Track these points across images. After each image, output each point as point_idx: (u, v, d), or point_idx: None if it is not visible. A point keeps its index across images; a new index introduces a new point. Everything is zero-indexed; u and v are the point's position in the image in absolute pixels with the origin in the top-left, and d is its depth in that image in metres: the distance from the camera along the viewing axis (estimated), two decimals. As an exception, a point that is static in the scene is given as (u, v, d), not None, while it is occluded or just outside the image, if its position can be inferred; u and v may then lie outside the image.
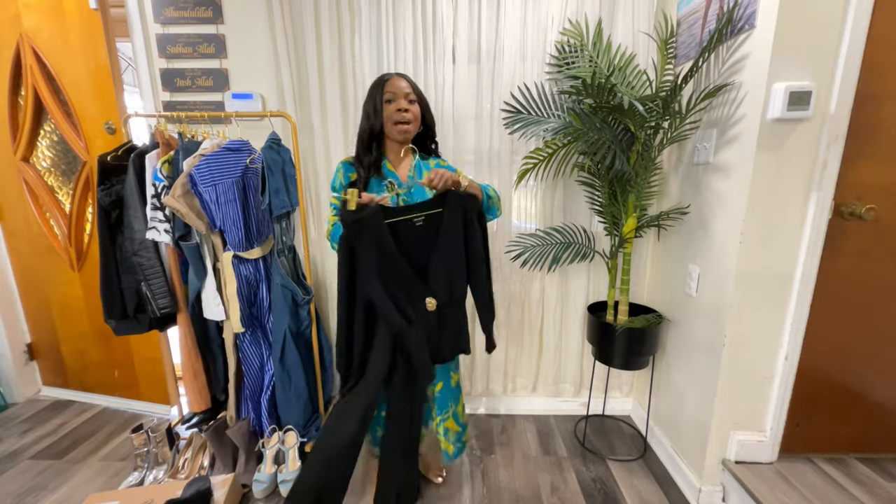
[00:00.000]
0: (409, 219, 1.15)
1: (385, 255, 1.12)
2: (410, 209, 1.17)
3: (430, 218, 1.17)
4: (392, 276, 1.14)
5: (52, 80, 1.76)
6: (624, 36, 1.63)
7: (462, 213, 1.17)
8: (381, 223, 1.12)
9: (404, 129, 1.22)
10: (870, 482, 1.30)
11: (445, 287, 1.19)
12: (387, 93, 1.21)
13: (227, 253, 1.51)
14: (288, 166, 1.55)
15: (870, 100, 1.16)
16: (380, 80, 1.23)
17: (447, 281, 1.19)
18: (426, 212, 1.17)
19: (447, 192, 1.16)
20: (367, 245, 1.11)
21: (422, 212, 1.16)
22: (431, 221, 1.17)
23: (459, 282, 1.22)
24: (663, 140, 1.44)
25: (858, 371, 1.35)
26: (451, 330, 1.25)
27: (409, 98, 1.22)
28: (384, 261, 1.12)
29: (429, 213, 1.17)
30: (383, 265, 1.12)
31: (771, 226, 1.24)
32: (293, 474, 1.51)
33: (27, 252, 2.03)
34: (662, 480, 1.57)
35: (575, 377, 1.98)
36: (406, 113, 1.21)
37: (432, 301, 1.18)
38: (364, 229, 1.10)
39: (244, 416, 1.66)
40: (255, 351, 1.62)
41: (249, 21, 1.67)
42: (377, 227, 1.11)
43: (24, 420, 1.98)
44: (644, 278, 1.85)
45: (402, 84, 1.22)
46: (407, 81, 1.23)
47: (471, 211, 1.19)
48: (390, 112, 1.21)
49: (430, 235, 1.17)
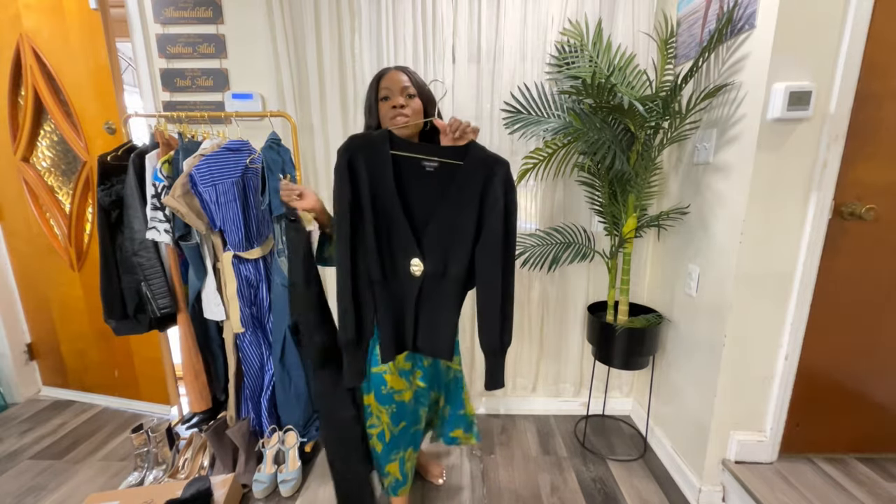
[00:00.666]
0: (420, 159, 0.96)
1: (379, 189, 0.94)
2: (425, 149, 0.98)
3: (445, 167, 0.97)
4: (382, 219, 0.95)
5: (52, 80, 1.76)
6: (624, 36, 1.63)
7: (484, 176, 0.96)
8: (386, 150, 0.94)
9: (401, 122, 1.06)
10: (870, 482, 1.30)
11: (439, 252, 0.98)
12: (382, 89, 1.08)
13: (227, 253, 1.51)
14: (288, 166, 1.55)
15: (870, 100, 1.16)
16: (376, 77, 1.12)
17: (443, 245, 0.98)
18: (442, 158, 0.97)
19: (471, 146, 0.97)
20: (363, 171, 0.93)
21: (437, 157, 0.97)
22: (446, 172, 0.97)
23: (458, 252, 0.99)
24: (663, 140, 1.44)
25: (858, 371, 1.35)
26: (433, 315, 1.02)
27: (408, 93, 1.07)
28: (377, 197, 0.94)
29: (445, 162, 0.97)
30: (376, 203, 0.94)
31: (771, 226, 1.24)
32: (293, 474, 1.51)
33: (27, 252, 2.02)
34: (662, 480, 1.57)
35: (575, 377, 1.98)
36: (403, 110, 1.06)
37: (418, 264, 0.98)
38: (362, 150, 0.93)
39: (244, 416, 1.66)
40: (255, 351, 1.62)
41: (249, 21, 1.67)
42: (379, 153, 0.93)
43: (24, 420, 1.98)
44: (644, 278, 1.85)
45: (400, 78, 1.08)
46: (406, 75, 1.09)
47: (497, 178, 0.97)
48: (385, 111, 1.08)
49: (440, 187, 0.97)
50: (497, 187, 0.97)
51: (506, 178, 0.98)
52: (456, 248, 0.98)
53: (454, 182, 0.97)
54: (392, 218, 0.96)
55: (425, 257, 0.98)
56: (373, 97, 1.10)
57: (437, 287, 1.00)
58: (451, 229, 0.98)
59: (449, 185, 0.97)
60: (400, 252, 0.98)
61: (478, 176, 0.96)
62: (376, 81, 1.10)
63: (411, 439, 1.22)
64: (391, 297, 0.99)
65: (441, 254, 0.99)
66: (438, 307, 1.02)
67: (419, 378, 1.19)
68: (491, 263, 0.98)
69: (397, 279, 0.99)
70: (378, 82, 1.09)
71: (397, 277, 0.99)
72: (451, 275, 1.00)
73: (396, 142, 0.96)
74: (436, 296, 1.01)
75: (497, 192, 0.96)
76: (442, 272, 0.99)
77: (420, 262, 0.98)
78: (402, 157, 0.95)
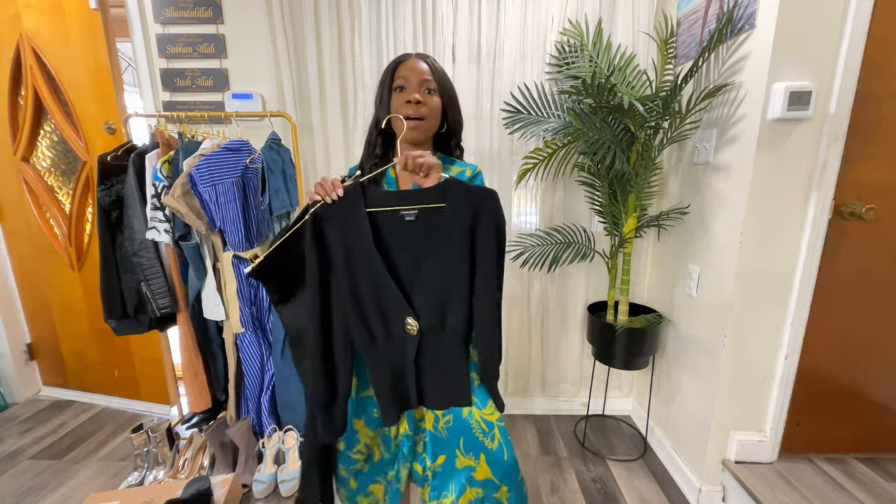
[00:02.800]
0: (397, 210, 0.86)
1: (357, 252, 0.85)
2: (401, 197, 0.88)
3: (426, 214, 0.86)
4: (365, 283, 0.86)
5: (52, 80, 1.76)
6: (624, 36, 1.63)
7: (471, 216, 0.86)
8: (360, 208, 0.85)
9: (413, 124, 0.92)
10: (870, 482, 1.30)
11: (434, 308, 0.88)
12: (398, 78, 0.92)
13: (227, 253, 1.51)
14: (288, 166, 1.55)
15: (870, 100, 1.16)
16: (394, 61, 0.95)
17: (437, 300, 0.88)
18: (421, 205, 0.86)
19: (450, 183, 0.86)
20: (335, 236, 0.85)
21: (415, 204, 0.86)
22: (427, 218, 0.87)
23: (456, 305, 0.88)
24: (663, 140, 1.44)
25: (858, 371, 1.35)
26: (439, 368, 0.91)
27: (427, 87, 0.92)
28: (355, 261, 0.86)
29: (424, 208, 0.86)
30: (354, 266, 0.86)
31: (771, 226, 1.24)
32: (293, 474, 1.51)
33: (27, 252, 2.02)
34: (662, 480, 1.57)
35: (575, 377, 1.98)
36: (418, 107, 0.90)
37: (413, 323, 0.87)
38: (334, 213, 0.85)
39: (244, 416, 1.66)
40: (255, 351, 1.62)
41: (249, 21, 1.67)
42: (352, 213, 0.85)
43: (24, 420, 1.98)
44: (644, 278, 1.85)
45: (421, 68, 0.92)
46: (428, 65, 0.93)
47: (485, 216, 0.86)
48: (397, 105, 0.92)
49: (424, 238, 0.88)
50: (487, 227, 0.87)
51: (495, 214, 0.87)
52: (451, 301, 0.88)
53: (438, 229, 0.86)
54: (377, 281, 0.86)
55: (419, 315, 0.88)
56: (386, 86, 0.94)
57: (436, 342, 0.90)
58: (442, 281, 0.88)
59: (432, 234, 0.87)
60: (391, 313, 0.88)
61: (463, 218, 0.86)
62: (393, 67, 0.94)
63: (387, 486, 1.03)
64: (385, 359, 0.90)
65: (436, 309, 0.88)
66: (442, 360, 0.91)
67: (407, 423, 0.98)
68: (485, 310, 0.90)
69: (391, 340, 0.89)
70: (395, 69, 0.93)
71: (391, 338, 0.89)
72: (450, 328, 0.89)
73: (370, 195, 0.86)
74: (437, 350, 0.91)
75: (489, 234, 0.87)
76: (440, 327, 0.89)
77: (414, 321, 0.87)
78: (378, 213, 0.86)
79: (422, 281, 0.88)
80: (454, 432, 0.95)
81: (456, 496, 0.94)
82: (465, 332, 0.90)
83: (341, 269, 0.86)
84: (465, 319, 0.89)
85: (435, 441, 0.97)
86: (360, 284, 0.87)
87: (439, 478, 0.96)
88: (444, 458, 0.96)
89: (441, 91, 0.94)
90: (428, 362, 0.91)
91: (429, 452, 0.97)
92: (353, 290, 0.86)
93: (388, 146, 0.98)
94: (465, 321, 0.89)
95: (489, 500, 0.94)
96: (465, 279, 0.88)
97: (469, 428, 0.94)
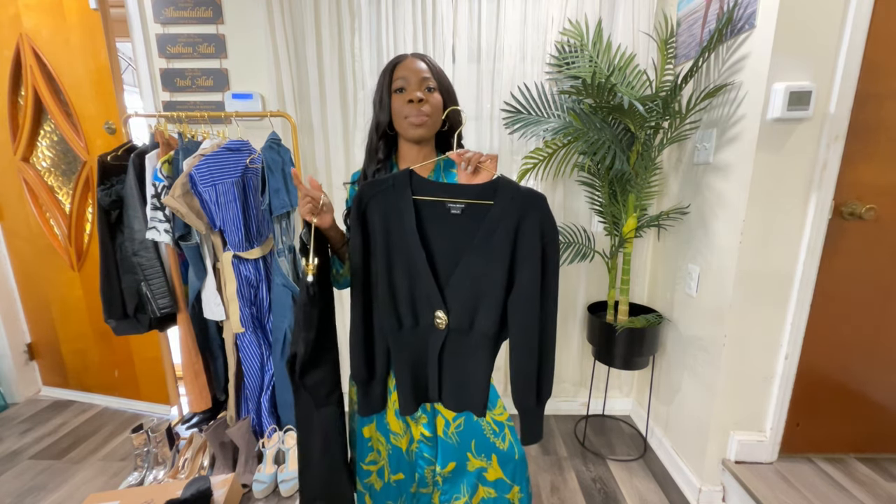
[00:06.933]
0: (444, 202, 0.85)
1: (397, 238, 0.85)
2: (450, 189, 0.86)
3: (473, 209, 0.85)
4: (401, 269, 0.86)
5: (52, 80, 1.76)
6: (624, 36, 1.63)
7: (517, 218, 0.83)
8: (406, 194, 0.84)
9: (418, 122, 0.90)
10: (870, 482, 1.30)
11: (465, 306, 0.86)
12: (397, 79, 0.91)
13: (227, 253, 1.51)
14: (288, 166, 1.55)
15: (870, 100, 1.16)
16: (390, 63, 0.93)
17: (470, 298, 0.86)
18: (469, 199, 0.85)
19: (500, 182, 0.83)
20: (377, 218, 0.85)
21: (463, 197, 0.85)
22: (473, 214, 0.85)
23: (488, 307, 0.85)
24: (663, 140, 1.44)
25: (858, 371, 1.35)
26: (461, 370, 0.89)
27: (427, 85, 0.90)
28: (394, 246, 0.85)
29: (472, 203, 0.85)
30: (392, 252, 0.86)
31: (771, 226, 1.24)
32: (293, 474, 1.51)
33: (27, 252, 2.02)
34: (662, 480, 1.57)
35: (575, 377, 1.98)
36: (421, 105, 0.89)
37: (442, 317, 0.86)
38: (378, 198, 0.84)
39: (244, 416, 1.66)
40: (255, 351, 1.62)
41: (249, 21, 1.67)
42: (397, 199, 0.84)
43: (24, 420, 1.98)
44: (644, 278, 1.85)
45: (419, 67, 0.91)
46: (426, 63, 0.92)
47: (532, 220, 0.83)
48: (399, 106, 0.90)
49: (467, 233, 0.85)
50: (533, 232, 0.83)
51: (543, 220, 0.83)
52: (484, 302, 0.86)
53: (482, 227, 0.84)
54: (415, 268, 0.85)
55: (449, 311, 0.86)
56: (385, 88, 0.93)
57: (463, 342, 0.88)
58: (478, 281, 0.85)
59: (476, 231, 0.84)
60: (422, 304, 0.87)
61: (510, 219, 0.83)
62: (390, 70, 0.93)
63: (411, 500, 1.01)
64: (410, 348, 0.90)
65: (468, 308, 0.86)
66: (466, 362, 0.89)
67: (423, 425, 0.95)
68: (525, 320, 0.85)
69: (417, 330, 0.89)
70: (392, 71, 0.92)
71: (418, 328, 0.89)
72: (479, 330, 0.87)
73: (418, 183, 0.85)
74: (463, 350, 0.89)
75: (533, 239, 0.83)
76: (468, 327, 0.87)
77: (444, 315, 0.86)
78: (425, 201, 0.85)
79: (458, 277, 0.85)
80: (465, 436, 0.95)
81: (469, 497, 0.95)
82: (493, 337, 0.88)
83: (380, 253, 0.86)
84: (495, 323, 0.86)
85: (445, 448, 0.96)
86: (396, 270, 0.86)
87: (450, 482, 0.96)
88: (454, 464, 0.95)
89: (440, 88, 0.93)
90: (451, 360, 0.89)
91: (439, 459, 0.96)
92: (388, 275, 0.86)
93: (391, 149, 0.97)
94: (495, 325, 0.86)
95: (502, 500, 0.94)
96: (502, 282, 0.85)
97: (480, 429, 0.94)
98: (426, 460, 0.97)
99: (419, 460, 0.97)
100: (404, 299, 0.87)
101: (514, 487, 0.94)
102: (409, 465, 0.99)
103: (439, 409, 0.96)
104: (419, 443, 0.96)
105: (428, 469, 0.97)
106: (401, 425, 0.98)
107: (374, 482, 1.03)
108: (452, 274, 0.86)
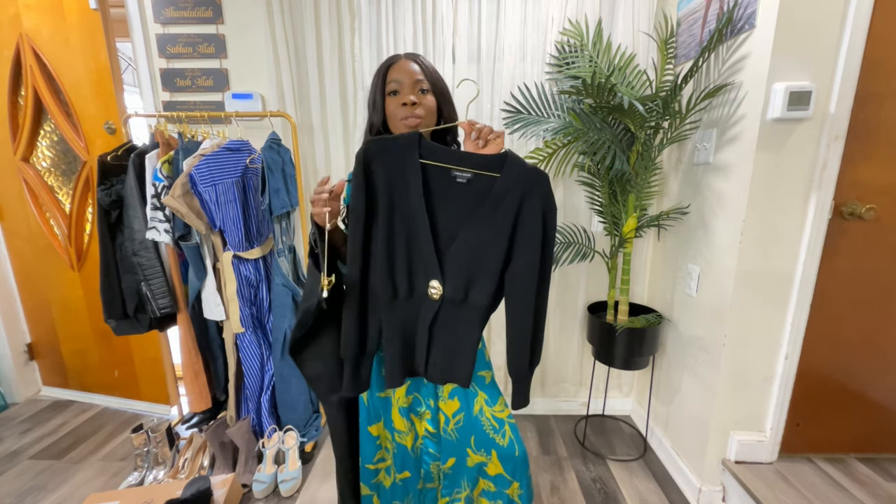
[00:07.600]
0: (451, 169, 0.83)
1: (400, 201, 0.82)
2: (458, 156, 0.84)
3: (480, 180, 0.83)
4: (401, 234, 0.84)
5: (52, 80, 1.76)
6: (624, 36, 1.63)
7: (521, 194, 0.83)
8: (413, 157, 0.82)
9: (413, 124, 0.90)
10: (870, 482, 1.30)
11: (461, 277, 0.85)
12: (390, 81, 0.91)
13: (227, 253, 1.51)
14: (288, 166, 1.55)
15: (870, 100, 1.16)
16: (384, 65, 0.93)
17: (466, 270, 0.85)
18: (476, 169, 0.83)
19: (508, 156, 0.83)
20: (381, 179, 0.82)
21: (470, 167, 0.83)
22: (479, 185, 0.83)
23: (483, 280, 0.85)
24: (663, 140, 1.44)
25: (858, 371, 1.35)
26: (450, 342, 0.89)
27: (421, 87, 0.90)
28: (396, 210, 0.83)
29: (479, 174, 0.83)
30: (394, 216, 0.83)
31: (771, 226, 1.24)
32: (293, 474, 1.51)
33: (27, 252, 2.02)
34: (662, 480, 1.57)
35: (575, 377, 1.98)
36: (414, 108, 0.89)
37: (437, 287, 0.85)
38: (384, 156, 0.82)
39: (244, 416, 1.66)
40: (255, 351, 1.62)
41: (249, 21, 1.67)
42: (403, 160, 0.82)
43: (24, 420, 1.98)
44: (644, 278, 1.85)
45: (412, 69, 0.90)
46: (419, 65, 0.92)
47: (535, 199, 0.83)
48: (393, 109, 0.91)
49: (471, 203, 0.84)
50: (535, 210, 0.84)
51: (545, 198, 0.84)
52: (481, 275, 0.86)
53: (488, 199, 0.84)
54: (416, 235, 0.84)
55: (445, 281, 0.85)
56: (378, 90, 0.93)
57: (455, 313, 0.88)
58: (478, 252, 0.85)
59: (481, 202, 0.84)
60: (419, 272, 0.86)
61: (514, 194, 0.83)
62: (384, 71, 0.92)
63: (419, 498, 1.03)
64: (401, 318, 0.89)
65: (463, 279, 0.86)
66: (456, 333, 0.89)
67: (427, 420, 0.97)
68: (523, 295, 0.87)
69: (411, 300, 0.88)
70: (385, 73, 0.92)
71: (412, 298, 0.88)
72: (472, 302, 0.87)
73: (426, 147, 0.83)
74: (454, 322, 0.89)
75: (535, 217, 0.84)
76: (462, 298, 0.87)
77: (439, 286, 0.85)
78: (431, 166, 0.82)
79: (457, 247, 0.85)
80: (464, 431, 0.95)
81: (469, 490, 0.96)
82: (485, 310, 0.88)
83: (382, 217, 0.83)
84: (488, 295, 0.87)
85: (445, 443, 0.97)
86: (397, 235, 0.84)
87: (450, 477, 0.98)
88: (454, 460, 0.96)
89: (434, 89, 0.93)
90: (441, 332, 0.89)
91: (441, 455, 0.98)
92: (388, 241, 0.84)
93: None
94: (488, 297, 0.87)
95: (501, 495, 0.95)
96: (501, 256, 0.85)
97: (480, 425, 0.95)
98: (431, 455, 0.98)
99: (424, 455, 0.99)
100: (401, 267, 0.86)
101: (513, 483, 0.94)
102: (415, 462, 1.01)
103: (441, 406, 0.97)
104: (424, 438, 0.98)
105: (434, 464, 0.99)
106: (405, 423, 0.99)
107: (383, 480, 1.03)
108: (451, 244, 0.85)
